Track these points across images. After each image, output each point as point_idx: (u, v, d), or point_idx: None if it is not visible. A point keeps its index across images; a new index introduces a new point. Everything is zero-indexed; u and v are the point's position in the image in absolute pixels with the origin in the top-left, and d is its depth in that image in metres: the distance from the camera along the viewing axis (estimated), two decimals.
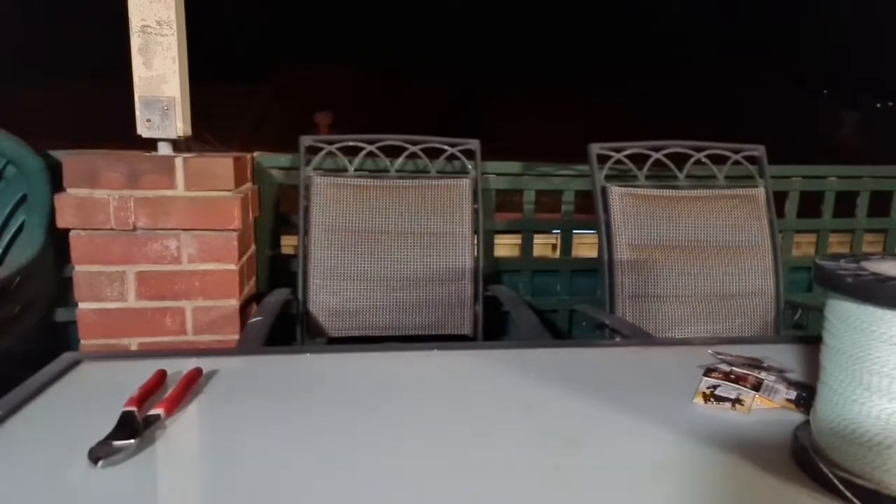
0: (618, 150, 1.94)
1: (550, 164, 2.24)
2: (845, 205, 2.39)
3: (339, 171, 1.96)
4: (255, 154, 2.04)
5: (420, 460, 0.73)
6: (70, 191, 1.70)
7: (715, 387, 0.89)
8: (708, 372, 0.94)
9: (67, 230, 1.71)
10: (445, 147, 1.98)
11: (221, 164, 1.73)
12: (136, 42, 1.74)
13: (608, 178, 1.94)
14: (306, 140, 1.93)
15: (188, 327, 1.78)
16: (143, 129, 1.77)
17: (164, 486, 0.70)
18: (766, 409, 0.85)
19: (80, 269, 1.73)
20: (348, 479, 0.69)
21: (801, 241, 2.52)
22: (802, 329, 2.06)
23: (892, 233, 2.46)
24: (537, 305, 2.21)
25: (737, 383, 0.90)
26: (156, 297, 1.75)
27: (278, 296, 1.78)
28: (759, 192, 1.96)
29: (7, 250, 1.85)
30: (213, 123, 2.22)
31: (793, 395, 0.87)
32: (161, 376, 0.89)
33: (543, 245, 2.79)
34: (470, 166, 1.99)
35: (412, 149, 1.97)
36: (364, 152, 1.95)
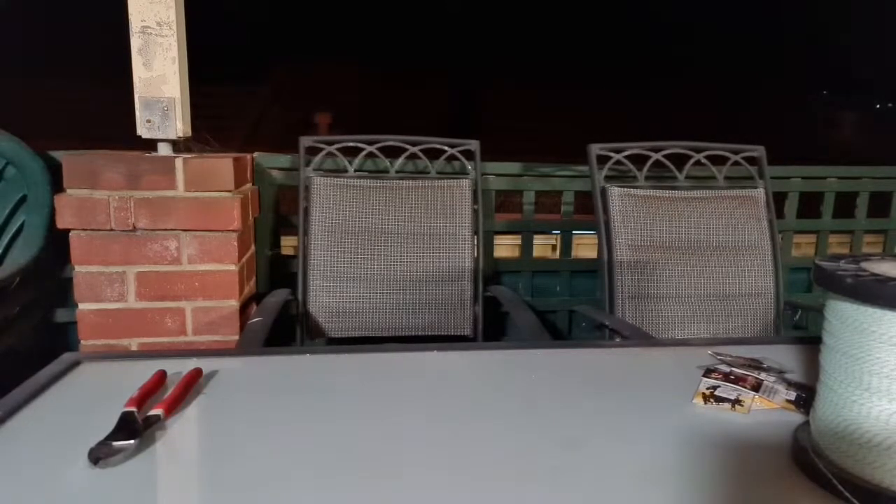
0: (617, 151, 1.94)
1: (550, 164, 2.24)
2: (845, 205, 2.39)
3: (339, 171, 1.96)
4: (255, 154, 2.04)
5: (419, 460, 0.73)
6: (70, 191, 1.70)
7: (714, 387, 0.89)
8: (707, 372, 0.94)
9: (67, 230, 1.71)
10: (445, 148, 1.98)
11: (221, 165, 1.73)
12: (136, 43, 1.74)
13: (608, 178, 1.94)
14: (306, 140, 1.93)
15: (188, 328, 1.78)
16: (142, 130, 1.77)
17: (164, 486, 0.70)
18: (766, 409, 0.85)
19: (80, 270, 1.73)
20: (348, 479, 0.69)
21: (801, 242, 2.52)
22: (802, 329, 2.06)
23: (891, 233, 2.46)
24: (537, 306, 2.21)
25: (736, 384, 0.90)
26: (156, 298, 1.75)
27: (278, 296, 1.78)
28: (759, 193, 1.96)
29: (7, 251, 1.85)
30: (213, 123, 2.22)
31: (792, 395, 0.87)
32: (161, 377, 0.89)
33: (543, 246, 2.79)
34: (469, 167, 1.99)
35: (412, 149, 1.97)
36: (364, 153, 1.95)
